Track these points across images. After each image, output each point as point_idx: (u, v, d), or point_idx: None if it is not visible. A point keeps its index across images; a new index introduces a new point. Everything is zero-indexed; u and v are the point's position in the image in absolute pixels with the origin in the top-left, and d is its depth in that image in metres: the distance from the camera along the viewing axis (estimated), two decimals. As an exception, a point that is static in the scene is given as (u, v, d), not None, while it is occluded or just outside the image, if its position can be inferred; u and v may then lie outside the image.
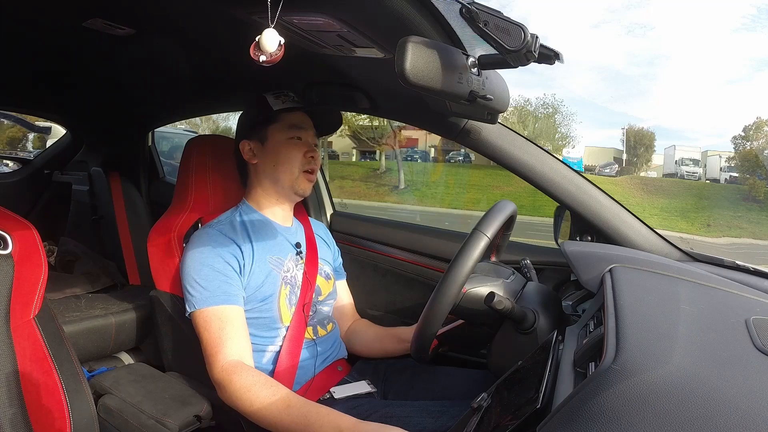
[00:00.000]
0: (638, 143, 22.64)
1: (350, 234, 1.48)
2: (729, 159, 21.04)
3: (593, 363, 0.56)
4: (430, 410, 0.93)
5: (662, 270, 0.83)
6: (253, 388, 0.87)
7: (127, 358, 1.46)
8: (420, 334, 0.85)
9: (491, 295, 0.81)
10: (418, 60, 0.55)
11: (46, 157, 2.27)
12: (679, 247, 1.09)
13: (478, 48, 0.65)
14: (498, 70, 0.73)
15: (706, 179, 21.09)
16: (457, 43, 0.68)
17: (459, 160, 19.04)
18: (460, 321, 1.08)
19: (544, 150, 1.11)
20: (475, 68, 0.63)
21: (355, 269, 1.39)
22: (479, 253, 0.81)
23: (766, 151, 20.01)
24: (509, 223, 0.97)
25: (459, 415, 0.77)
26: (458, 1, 0.57)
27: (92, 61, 1.37)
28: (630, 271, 0.80)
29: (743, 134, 20.96)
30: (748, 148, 20.48)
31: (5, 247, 0.70)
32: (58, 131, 2.49)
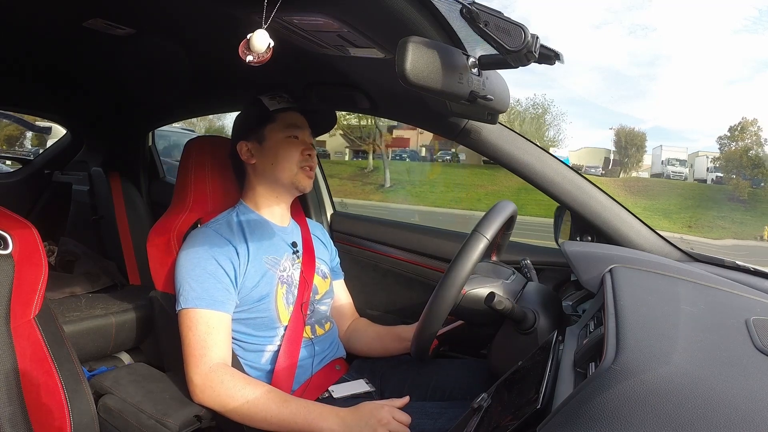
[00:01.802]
0: (629, 144, 22.78)
1: (350, 234, 1.48)
2: (714, 159, 21.21)
3: (593, 363, 0.56)
4: (429, 411, 0.93)
5: (662, 270, 0.83)
6: (247, 386, 0.89)
7: (127, 358, 1.46)
8: (420, 335, 0.86)
9: (491, 295, 0.81)
10: (419, 60, 0.55)
11: (46, 157, 2.27)
12: (679, 247, 1.09)
13: (479, 48, 0.65)
14: (498, 71, 0.73)
15: (694, 179, 21.34)
16: (457, 43, 0.68)
17: (447, 159, 19.51)
18: (460, 321, 1.08)
19: (544, 150, 1.11)
20: (476, 68, 0.63)
21: (355, 269, 1.39)
22: (478, 255, 0.81)
23: (751, 152, 20.16)
24: (510, 223, 0.97)
25: (458, 415, 0.77)
26: (459, 2, 0.57)
27: (92, 61, 1.37)
28: (630, 271, 0.80)
29: (728, 134, 21.22)
30: (733, 148, 20.63)
31: (5, 247, 0.70)
32: (58, 131, 2.49)
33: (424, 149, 20.89)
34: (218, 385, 0.89)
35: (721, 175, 20.47)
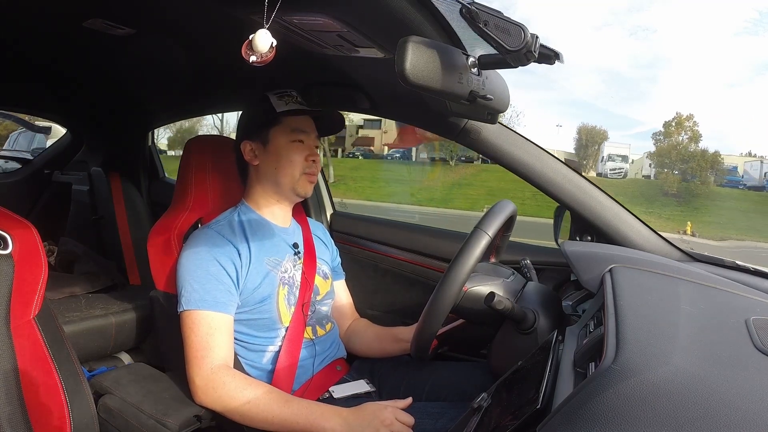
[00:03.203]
0: (590, 141, 22.85)
1: (350, 234, 1.48)
2: (650, 155, 21.69)
3: (593, 363, 0.56)
4: (430, 411, 0.93)
5: (662, 270, 0.83)
6: (249, 387, 0.89)
7: (127, 358, 1.46)
8: (420, 334, 0.85)
9: (491, 295, 0.81)
10: (418, 60, 0.55)
11: (46, 157, 2.27)
12: (679, 247, 1.09)
13: (479, 48, 0.65)
14: (498, 70, 0.73)
15: (643, 175, 21.67)
16: (457, 43, 0.68)
17: (397, 157, 20.83)
18: (461, 321, 1.08)
19: (544, 150, 1.11)
20: (475, 68, 0.63)
21: (355, 269, 1.39)
22: (480, 252, 0.81)
23: (687, 147, 20.52)
24: (509, 224, 0.97)
25: (458, 416, 0.77)
26: (458, 1, 0.57)
27: (92, 61, 1.37)
28: (630, 271, 0.80)
29: (663, 130, 21.70)
30: (666, 144, 21.03)
31: (5, 247, 0.70)
32: (58, 131, 2.50)
33: (386, 147, 21.91)
34: (220, 386, 0.89)
35: (655, 170, 21.04)
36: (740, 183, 20.67)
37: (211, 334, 0.92)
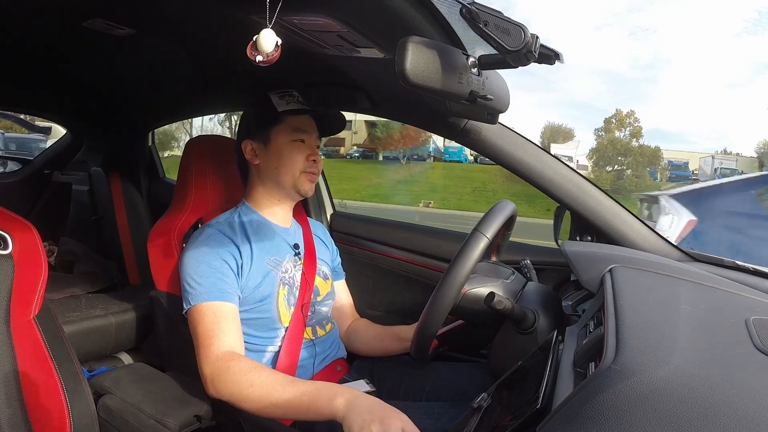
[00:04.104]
0: (552, 142, 22.97)
1: (350, 234, 1.48)
2: (591, 151, 22.11)
3: (593, 363, 0.56)
4: (431, 411, 0.93)
5: (662, 270, 0.83)
6: (253, 370, 0.86)
7: (127, 358, 1.46)
8: (420, 335, 0.86)
9: (491, 295, 0.81)
10: (419, 60, 0.55)
11: (46, 157, 2.28)
12: (679, 247, 1.09)
13: (479, 48, 0.65)
14: (498, 71, 0.73)
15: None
16: (457, 43, 0.68)
17: (356, 156, 21.92)
18: (460, 321, 1.08)
19: (544, 150, 1.11)
20: (476, 68, 0.63)
21: (355, 269, 1.39)
22: (479, 254, 0.81)
23: (634, 142, 20.97)
24: (509, 223, 0.97)
25: (458, 416, 0.77)
26: (458, 1, 0.57)
27: (92, 61, 1.37)
28: (630, 271, 0.80)
29: (604, 126, 22.05)
30: (605, 140, 21.42)
31: (5, 247, 0.70)
32: (58, 131, 2.50)
33: (354, 148, 22.64)
34: (225, 371, 0.87)
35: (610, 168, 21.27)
36: (689, 178, 20.86)
37: (216, 322, 0.91)
